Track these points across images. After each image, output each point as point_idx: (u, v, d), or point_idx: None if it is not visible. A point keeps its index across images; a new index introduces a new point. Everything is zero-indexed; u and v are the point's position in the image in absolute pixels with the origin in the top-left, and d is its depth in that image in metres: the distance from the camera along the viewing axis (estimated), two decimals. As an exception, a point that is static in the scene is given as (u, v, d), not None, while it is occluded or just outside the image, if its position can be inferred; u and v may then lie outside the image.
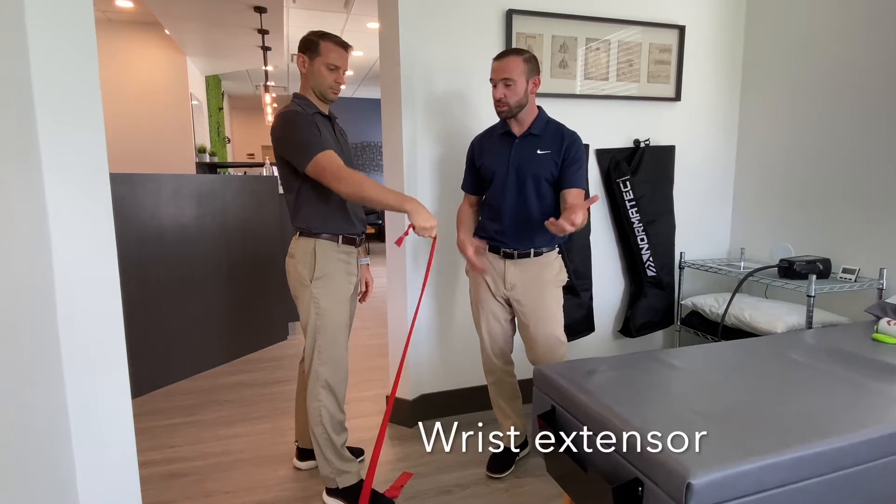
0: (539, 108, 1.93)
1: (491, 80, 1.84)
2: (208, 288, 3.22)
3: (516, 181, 1.91)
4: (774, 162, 2.76)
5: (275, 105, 6.10)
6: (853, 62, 2.35)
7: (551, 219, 1.58)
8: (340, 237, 1.81)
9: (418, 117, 2.35)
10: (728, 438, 1.10)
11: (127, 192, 2.79)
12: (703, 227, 2.97)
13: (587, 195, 2.23)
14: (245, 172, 4.93)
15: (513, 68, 1.79)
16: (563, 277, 2.00)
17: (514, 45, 2.43)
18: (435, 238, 1.71)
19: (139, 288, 2.86)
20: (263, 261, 3.56)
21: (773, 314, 2.34)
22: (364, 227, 1.92)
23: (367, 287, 2.08)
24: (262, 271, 3.55)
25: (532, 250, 1.93)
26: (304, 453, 2.11)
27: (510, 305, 2.01)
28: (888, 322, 1.78)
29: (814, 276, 2.14)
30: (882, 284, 2.25)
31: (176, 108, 5.78)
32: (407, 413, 2.47)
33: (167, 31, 5.21)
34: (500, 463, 2.11)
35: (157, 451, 2.27)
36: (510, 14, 2.40)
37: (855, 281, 2.29)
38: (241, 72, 7.98)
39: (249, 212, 3.46)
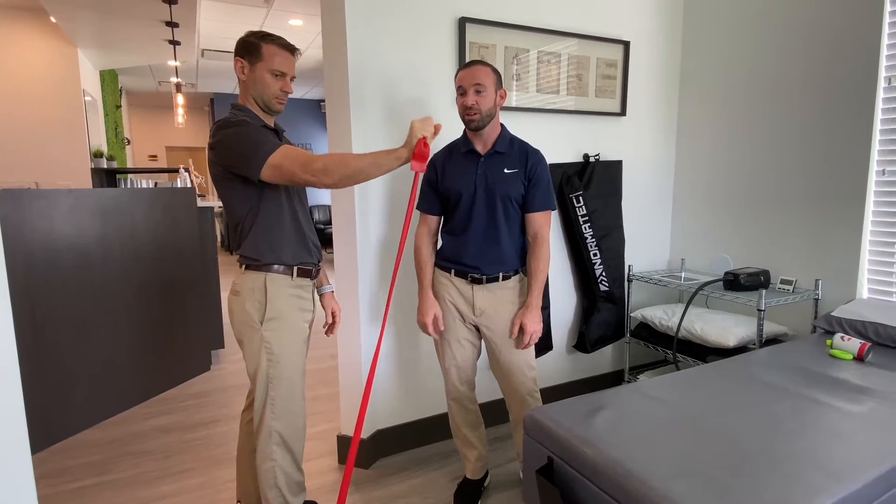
0: (502, 125, 1.82)
1: (459, 87, 1.71)
2: (116, 318, 2.79)
3: (485, 202, 1.78)
4: (709, 174, 2.85)
5: (186, 106, 5.54)
6: (782, 78, 2.46)
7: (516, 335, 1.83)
8: (295, 269, 1.58)
9: (370, 128, 2.15)
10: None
11: (11, 211, 2.34)
12: (646, 239, 3.01)
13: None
14: (156, 184, 4.42)
15: (484, 76, 1.70)
16: None
17: (467, 55, 2.30)
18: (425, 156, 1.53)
19: (30, 325, 2.40)
20: (180, 283, 3.16)
21: (723, 326, 2.40)
22: (320, 256, 1.70)
23: (333, 317, 1.83)
24: (179, 295, 3.15)
25: (500, 274, 1.82)
26: (249, 514, 1.84)
27: (478, 330, 1.90)
28: (842, 338, 1.84)
29: (763, 291, 2.20)
30: (818, 295, 2.37)
31: (66, 107, 5.06)
32: (362, 453, 2.25)
33: (53, 20, 4.54)
34: (468, 498, 1.98)
35: (61, 527, 1.89)
36: (463, 22, 2.27)
37: (793, 292, 2.40)
38: (143, 67, 7.23)
39: (163, 229, 3.05)
